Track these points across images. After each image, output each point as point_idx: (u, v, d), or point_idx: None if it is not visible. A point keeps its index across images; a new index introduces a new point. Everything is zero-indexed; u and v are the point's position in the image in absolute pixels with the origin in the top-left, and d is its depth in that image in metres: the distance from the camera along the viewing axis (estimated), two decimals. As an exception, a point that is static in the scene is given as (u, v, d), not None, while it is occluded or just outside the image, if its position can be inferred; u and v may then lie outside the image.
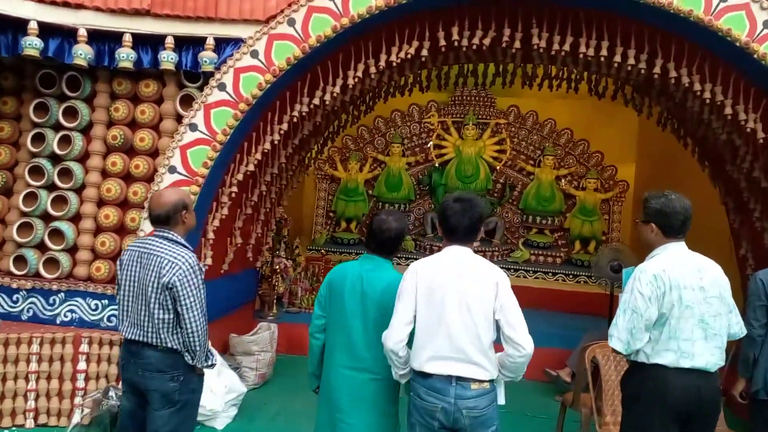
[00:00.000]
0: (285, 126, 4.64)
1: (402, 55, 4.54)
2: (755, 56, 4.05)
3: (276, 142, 4.69)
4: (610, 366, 4.10)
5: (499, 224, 10.07)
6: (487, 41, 4.54)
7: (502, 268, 2.65)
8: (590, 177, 9.90)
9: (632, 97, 5.86)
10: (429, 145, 10.40)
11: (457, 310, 2.53)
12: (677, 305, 2.69)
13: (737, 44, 4.07)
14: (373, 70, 4.60)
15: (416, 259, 10.04)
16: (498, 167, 10.16)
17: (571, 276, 9.47)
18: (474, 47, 4.55)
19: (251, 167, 4.67)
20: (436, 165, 10.32)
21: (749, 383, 3.50)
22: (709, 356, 2.72)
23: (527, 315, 2.62)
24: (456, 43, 4.52)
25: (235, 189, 4.66)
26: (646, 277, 2.70)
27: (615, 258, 6.75)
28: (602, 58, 4.46)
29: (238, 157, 4.68)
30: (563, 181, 10.05)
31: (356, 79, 4.60)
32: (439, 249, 2.46)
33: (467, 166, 10.14)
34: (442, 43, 4.52)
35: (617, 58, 4.44)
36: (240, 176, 4.65)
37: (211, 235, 4.63)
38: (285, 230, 8.04)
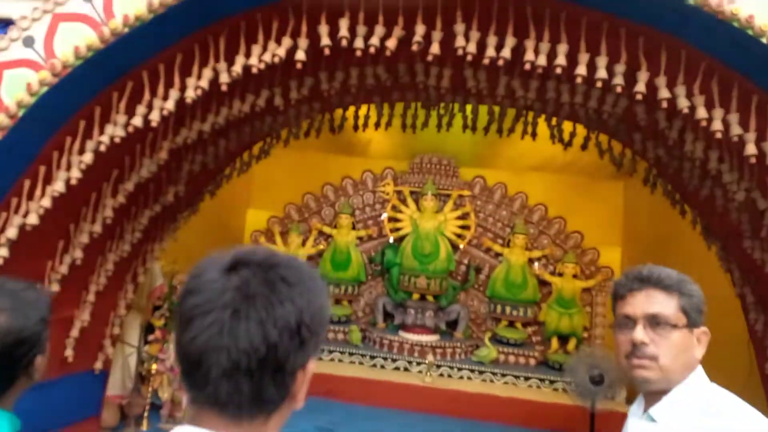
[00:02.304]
0: (88, 158, 3.08)
1: (267, 58, 3.07)
2: (792, 60, 2.60)
3: (74, 183, 3.10)
4: None
5: (463, 314, 8.43)
6: (392, 43, 3.08)
7: (465, 369, 1.06)
8: (568, 261, 8.34)
9: (609, 147, 4.38)
10: (383, 218, 8.89)
11: None
12: None
13: (762, 43, 2.64)
14: (225, 78, 3.11)
15: (362, 358, 8.29)
16: (461, 246, 8.61)
17: (546, 382, 7.66)
18: (374, 51, 3.08)
19: (33, 219, 3.06)
20: (391, 241, 8.77)
21: None
22: None
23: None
24: (347, 44, 3.06)
25: (4, 252, 3.03)
26: None
27: (595, 365, 5.10)
28: (558, 70, 2.99)
29: (15, 202, 3.09)
30: (537, 264, 8.49)
31: (198, 90, 3.09)
32: (392, 345, 1.05)
33: (425, 242, 8.58)
34: (326, 42, 3.06)
35: (581, 70, 2.98)
36: (12, 232, 3.03)
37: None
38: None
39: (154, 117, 3.11)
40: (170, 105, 3.10)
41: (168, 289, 6.21)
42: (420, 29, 3.07)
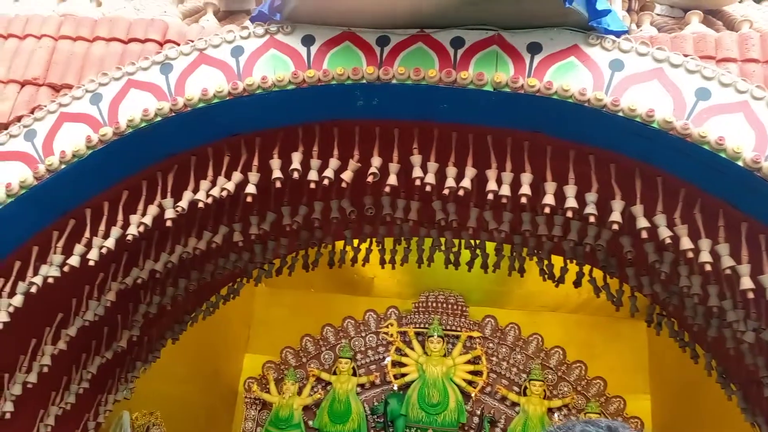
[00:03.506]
0: (17, 300, 2.86)
1: (216, 192, 2.92)
2: (774, 184, 2.31)
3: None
4: None
5: (479, 477, 7.55)
6: (347, 176, 2.92)
7: None
8: (591, 411, 7.54)
9: (605, 283, 4.02)
10: (386, 362, 8.32)
11: None
12: None
13: (738, 166, 2.38)
14: (170, 214, 2.94)
15: None
16: (473, 394, 7.89)
17: None
18: (327, 183, 2.91)
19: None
20: (395, 388, 8.12)
21: None
22: None
23: None
24: (298, 176, 2.90)
25: None
26: None
27: None
28: (523, 200, 2.75)
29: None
30: (557, 415, 7.70)
31: (141, 227, 2.92)
32: None
33: (432, 390, 7.91)
34: (277, 175, 2.91)
35: (548, 200, 2.73)
36: None
37: None
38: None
39: (93, 256, 2.91)
40: (110, 243, 2.91)
41: (139, 445, 5.71)
42: (376, 161, 2.92)
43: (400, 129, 2.95)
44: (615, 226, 2.72)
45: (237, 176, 2.95)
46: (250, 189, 2.93)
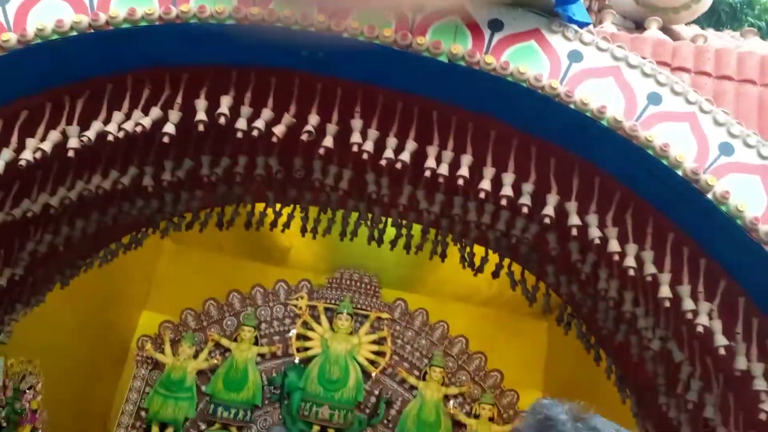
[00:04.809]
0: None
1: (129, 127, 2.61)
2: (709, 197, 2.33)
3: None
4: None
5: (368, 454, 7.55)
6: (280, 130, 2.70)
7: None
8: (485, 402, 7.70)
9: (522, 278, 4.03)
10: (290, 335, 8.13)
11: None
12: None
13: (677, 175, 2.38)
14: (74, 143, 2.61)
15: None
16: (374, 374, 7.87)
17: None
18: (257, 135, 2.68)
19: None
20: (296, 362, 7.96)
21: None
22: None
23: None
24: (225, 122, 2.65)
25: None
26: None
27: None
28: (460, 182, 2.65)
29: None
30: (452, 403, 7.82)
31: (39, 153, 2.57)
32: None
33: (334, 367, 7.81)
34: (201, 117, 2.65)
35: (485, 185, 2.65)
36: None
37: None
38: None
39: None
40: (-2, 166, 2.55)
41: (12, 393, 5.24)
42: (313, 119, 2.72)
43: (343, 89, 2.77)
44: (547, 220, 2.67)
45: (156, 112, 2.66)
46: (169, 129, 2.66)
